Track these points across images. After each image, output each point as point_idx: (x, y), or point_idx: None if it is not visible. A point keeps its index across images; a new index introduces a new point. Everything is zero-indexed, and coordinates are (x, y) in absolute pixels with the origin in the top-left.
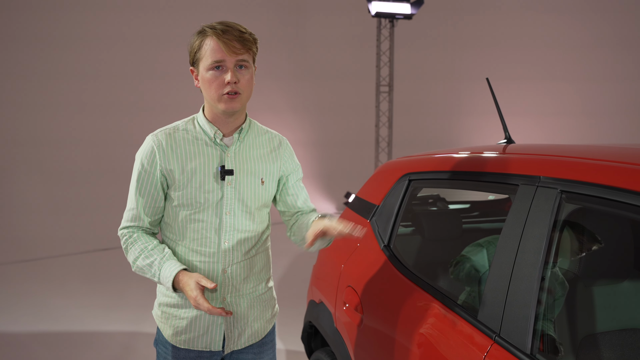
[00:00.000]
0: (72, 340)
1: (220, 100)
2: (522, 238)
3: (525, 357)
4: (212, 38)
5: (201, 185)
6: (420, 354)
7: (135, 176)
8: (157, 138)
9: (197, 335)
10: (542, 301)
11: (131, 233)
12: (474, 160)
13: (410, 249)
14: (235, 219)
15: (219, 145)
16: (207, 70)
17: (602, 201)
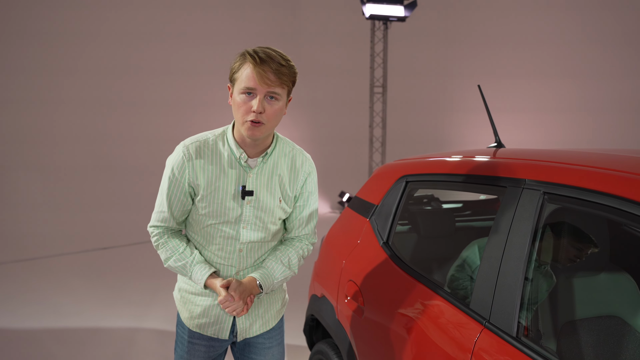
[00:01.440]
0: (78, 335)
1: (243, 125)
2: (509, 234)
3: (512, 339)
4: (249, 64)
5: (223, 201)
6: (417, 340)
7: (165, 182)
8: (189, 151)
9: (208, 322)
10: (527, 291)
11: (161, 234)
12: (466, 163)
13: (407, 245)
14: (251, 232)
15: (242, 167)
16: (239, 93)
17: (579, 202)
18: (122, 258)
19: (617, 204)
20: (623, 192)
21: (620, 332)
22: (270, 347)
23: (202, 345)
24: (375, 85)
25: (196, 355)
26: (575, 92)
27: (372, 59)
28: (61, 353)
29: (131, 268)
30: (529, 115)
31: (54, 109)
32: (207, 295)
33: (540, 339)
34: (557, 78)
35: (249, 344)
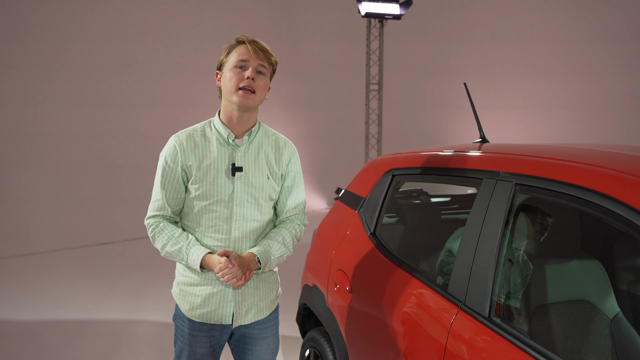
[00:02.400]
0: (74, 326)
1: (235, 93)
2: (484, 223)
3: (484, 320)
4: (242, 44)
5: (215, 180)
6: (400, 324)
7: (160, 171)
8: (179, 138)
9: (210, 311)
10: (499, 275)
11: (157, 222)
12: (448, 157)
13: (394, 236)
14: (244, 210)
15: (230, 145)
16: (230, 69)
17: (547, 192)
18: (119, 253)
19: (580, 194)
20: (586, 183)
21: (588, 315)
22: (266, 338)
23: (204, 336)
24: (371, 82)
25: (198, 346)
26: (572, 90)
27: (368, 57)
28: (57, 343)
29: (128, 263)
30: (526, 113)
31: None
32: (206, 284)
33: (512, 320)
34: (553, 76)
35: (245, 336)
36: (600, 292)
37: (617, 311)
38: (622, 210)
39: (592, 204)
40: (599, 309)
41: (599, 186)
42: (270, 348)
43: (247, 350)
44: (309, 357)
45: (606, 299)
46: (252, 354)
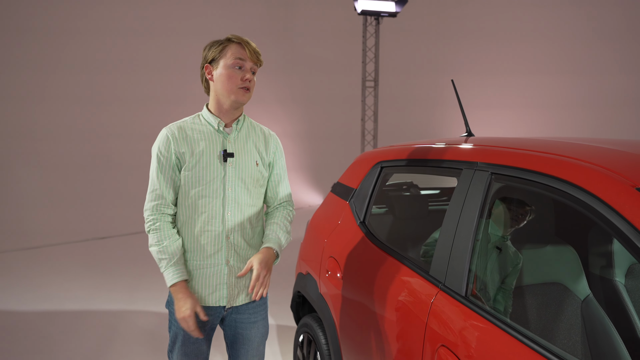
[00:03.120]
0: (71, 316)
1: (236, 93)
2: (462, 209)
3: (461, 299)
4: (239, 44)
5: (207, 165)
6: (387, 305)
7: (154, 162)
8: (170, 129)
9: (208, 294)
10: (475, 258)
11: (155, 220)
12: (432, 150)
13: (383, 225)
14: (235, 194)
15: (221, 133)
16: (227, 67)
17: (519, 180)
18: (116, 247)
19: (547, 181)
20: (552, 171)
21: (561, 297)
22: (256, 322)
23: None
24: (367, 79)
25: None
26: (569, 88)
27: (364, 54)
28: (56, 333)
29: (125, 256)
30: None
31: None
32: (202, 267)
33: (488, 299)
34: (549, 73)
35: (236, 321)
36: (573, 275)
37: (588, 293)
38: (583, 196)
39: (557, 190)
40: (571, 290)
41: (564, 174)
42: (261, 332)
43: (238, 335)
44: (303, 342)
45: (578, 281)
46: (243, 338)
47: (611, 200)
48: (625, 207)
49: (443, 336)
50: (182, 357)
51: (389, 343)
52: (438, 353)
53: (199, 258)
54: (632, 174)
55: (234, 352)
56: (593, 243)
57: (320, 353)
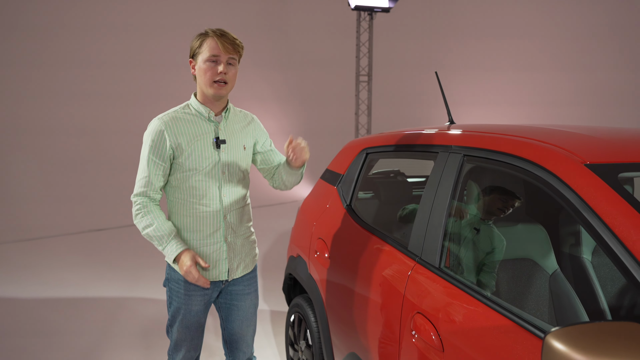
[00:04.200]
0: (72, 302)
1: (211, 86)
2: (438, 188)
3: (436, 270)
4: (213, 39)
5: (203, 152)
6: (368, 279)
7: (146, 151)
8: (163, 120)
9: (209, 270)
10: (448, 233)
11: (145, 203)
12: (412, 136)
13: (368, 208)
14: (230, 176)
15: (212, 122)
16: (204, 62)
17: (488, 160)
18: (115, 239)
19: (511, 161)
20: (516, 151)
21: (531, 271)
22: (249, 293)
23: (199, 295)
24: (360, 74)
25: (194, 304)
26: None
27: (357, 49)
28: (57, 317)
29: (124, 248)
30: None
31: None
32: (202, 247)
33: (462, 272)
34: (542, 71)
35: (231, 293)
36: (542, 252)
37: (556, 268)
38: (540, 172)
39: (519, 169)
40: (540, 266)
41: (524, 153)
42: (253, 303)
43: (232, 306)
44: (294, 321)
45: (547, 257)
46: (237, 309)
47: (564, 176)
48: (576, 182)
49: (418, 304)
50: (183, 330)
51: (371, 315)
52: (414, 320)
53: (199, 238)
54: (584, 152)
55: (229, 324)
56: (562, 222)
57: (310, 330)
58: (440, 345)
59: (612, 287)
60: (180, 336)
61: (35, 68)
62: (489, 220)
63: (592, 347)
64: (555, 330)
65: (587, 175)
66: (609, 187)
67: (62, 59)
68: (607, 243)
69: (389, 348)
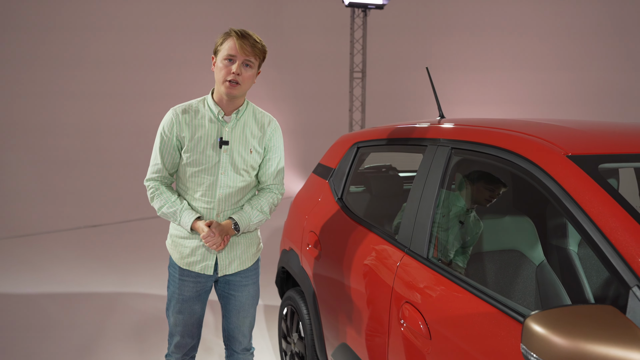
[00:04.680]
0: (69, 296)
1: (223, 85)
2: (426, 181)
3: (424, 260)
4: (233, 39)
5: (204, 150)
6: (358, 270)
7: (158, 139)
8: (176, 111)
9: (196, 261)
10: (436, 225)
11: (157, 187)
12: (402, 130)
13: (359, 201)
14: (227, 178)
15: (220, 122)
16: (221, 60)
17: (474, 153)
18: (110, 234)
19: (497, 152)
20: (501, 144)
21: (518, 262)
22: (247, 285)
23: (191, 282)
24: (354, 70)
25: (186, 290)
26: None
27: (351, 45)
28: (56, 310)
29: (119, 243)
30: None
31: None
32: (194, 238)
33: (449, 263)
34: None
35: (229, 282)
36: (529, 243)
37: (542, 259)
38: (524, 164)
39: (504, 160)
40: (527, 257)
41: (509, 145)
42: (251, 294)
43: (230, 295)
44: (287, 314)
45: (533, 249)
46: (235, 299)
47: (546, 167)
48: (557, 172)
49: (407, 293)
50: (177, 314)
51: (362, 305)
52: (402, 309)
53: (191, 231)
54: (566, 144)
55: (227, 312)
56: (549, 215)
57: (302, 323)
58: (428, 333)
59: (598, 278)
60: (174, 321)
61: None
62: (472, 210)
63: (569, 330)
64: (534, 314)
65: (568, 165)
66: (589, 177)
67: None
68: (587, 231)
69: (378, 338)
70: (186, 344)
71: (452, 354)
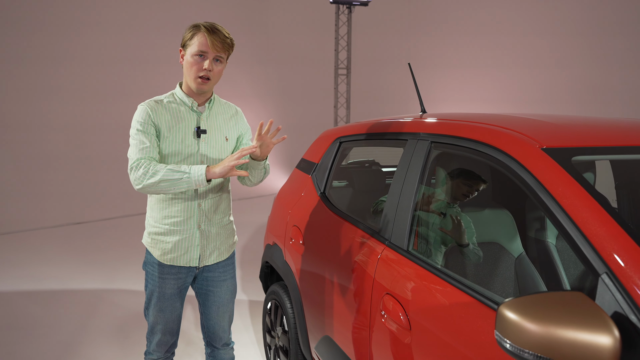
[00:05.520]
0: (52, 295)
1: (195, 81)
2: (406, 174)
3: (404, 252)
4: (203, 34)
5: (183, 140)
6: (340, 262)
7: (136, 126)
8: (149, 104)
9: (180, 255)
10: (417, 216)
11: (147, 162)
12: (383, 124)
13: (342, 196)
14: None
15: (195, 112)
16: (192, 55)
17: (453, 146)
18: (93, 232)
19: (475, 146)
20: (479, 137)
21: (497, 255)
22: (225, 280)
23: (172, 278)
24: (339, 67)
25: (167, 287)
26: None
27: (336, 42)
28: (36, 310)
29: (102, 241)
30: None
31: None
32: (175, 234)
33: (429, 255)
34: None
35: (207, 279)
36: (508, 236)
37: (521, 251)
38: (500, 156)
39: (482, 153)
40: (506, 249)
41: (486, 138)
42: (230, 289)
43: (209, 292)
44: (271, 308)
45: (512, 241)
46: (214, 295)
47: (522, 159)
48: (533, 165)
49: (387, 285)
50: (157, 313)
51: (344, 298)
52: (383, 301)
53: (172, 223)
54: (541, 137)
55: (206, 309)
56: (528, 208)
57: (286, 317)
58: (408, 324)
59: (575, 270)
60: (155, 319)
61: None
62: (454, 204)
63: (541, 316)
64: (507, 301)
65: (543, 158)
66: (563, 170)
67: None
68: (559, 220)
69: (360, 330)
70: (167, 342)
71: (431, 344)
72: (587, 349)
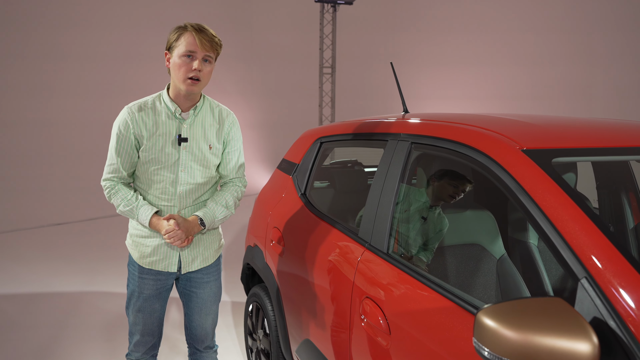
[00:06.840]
0: (30, 297)
1: (184, 82)
2: (386, 177)
3: (384, 255)
4: (191, 34)
5: (163, 148)
6: (320, 265)
7: (114, 138)
8: (131, 110)
9: (158, 259)
10: (396, 219)
11: (113, 185)
12: (364, 124)
13: (323, 197)
14: (187, 175)
15: (177, 119)
16: (180, 56)
17: (433, 147)
18: (73, 233)
19: (455, 147)
20: (459, 138)
21: (479, 256)
22: (209, 282)
23: (151, 280)
24: (324, 66)
25: (146, 288)
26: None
27: (321, 41)
28: (14, 312)
29: (83, 242)
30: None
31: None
32: (155, 237)
33: (410, 257)
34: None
35: (190, 280)
36: (490, 237)
37: (503, 252)
38: (480, 157)
39: (462, 154)
40: (488, 251)
41: (466, 139)
42: (213, 291)
43: (192, 293)
44: (252, 311)
45: (494, 242)
46: (197, 296)
47: (502, 161)
48: (512, 166)
49: (367, 288)
50: (136, 313)
51: (324, 301)
52: (363, 304)
53: (151, 229)
54: (521, 139)
55: (189, 310)
56: (510, 209)
57: (267, 319)
58: (387, 328)
59: (557, 271)
60: (134, 319)
61: None
62: (437, 207)
63: (519, 323)
64: (485, 308)
65: (523, 160)
66: (543, 172)
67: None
68: (539, 223)
69: (340, 333)
70: (146, 342)
71: (410, 349)
72: (565, 356)
